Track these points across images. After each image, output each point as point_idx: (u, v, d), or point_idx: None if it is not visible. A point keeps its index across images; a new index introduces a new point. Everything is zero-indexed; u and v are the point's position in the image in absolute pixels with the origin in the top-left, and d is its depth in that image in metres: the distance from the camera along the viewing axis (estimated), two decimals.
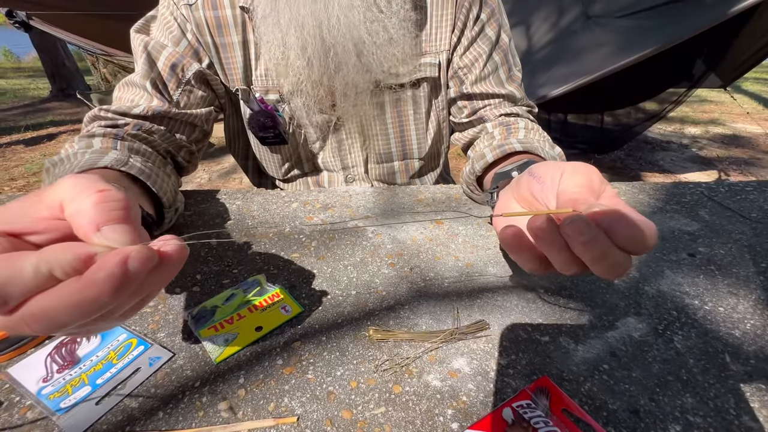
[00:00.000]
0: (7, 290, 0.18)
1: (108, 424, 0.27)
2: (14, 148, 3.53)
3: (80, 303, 0.19)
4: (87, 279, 0.19)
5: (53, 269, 0.19)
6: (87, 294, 0.19)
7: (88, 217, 0.21)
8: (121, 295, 0.20)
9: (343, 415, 0.28)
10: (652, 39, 1.92)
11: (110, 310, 0.21)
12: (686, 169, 2.83)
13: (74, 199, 0.22)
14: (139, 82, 0.54)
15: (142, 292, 0.22)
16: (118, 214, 0.22)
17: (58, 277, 0.19)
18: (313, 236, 0.49)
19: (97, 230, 0.21)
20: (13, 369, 0.30)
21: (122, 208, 0.22)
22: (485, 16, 0.59)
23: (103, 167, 0.39)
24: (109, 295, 0.19)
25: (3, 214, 0.22)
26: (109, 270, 0.19)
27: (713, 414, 0.28)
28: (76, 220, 0.21)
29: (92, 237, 0.21)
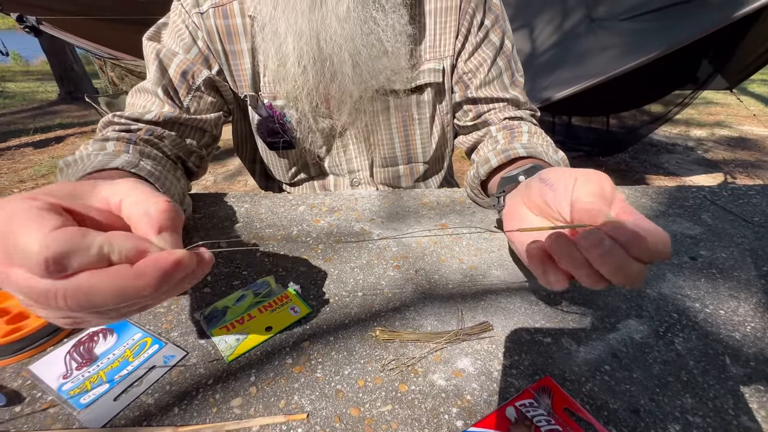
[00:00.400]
0: (71, 258, 0.20)
1: (126, 418, 0.28)
2: (23, 151, 3.58)
3: (125, 288, 0.21)
4: (140, 269, 0.21)
5: (113, 252, 0.21)
6: (135, 282, 0.21)
7: (153, 220, 0.24)
8: (160, 291, 0.22)
9: (351, 412, 0.29)
10: (656, 41, 1.92)
11: (136, 303, 0.22)
12: (692, 172, 2.81)
13: (142, 202, 0.24)
14: (151, 88, 0.56)
15: (171, 292, 0.24)
16: (175, 224, 0.25)
17: (114, 260, 0.21)
18: (320, 239, 0.50)
19: (159, 233, 0.24)
20: (35, 366, 0.32)
21: (178, 219, 0.25)
22: (489, 23, 0.60)
23: (114, 168, 0.40)
24: (153, 288, 0.21)
25: (61, 191, 0.23)
26: (164, 267, 0.21)
27: (712, 414, 0.29)
28: (141, 220, 0.24)
29: (153, 237, 0.23)
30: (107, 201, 0.25)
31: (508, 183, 0.45)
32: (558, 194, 0.29)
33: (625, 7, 2.17)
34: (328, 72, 0.54)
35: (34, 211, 0.21)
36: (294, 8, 0.49)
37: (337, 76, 0.54)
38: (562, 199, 0.29)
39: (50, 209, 0.21)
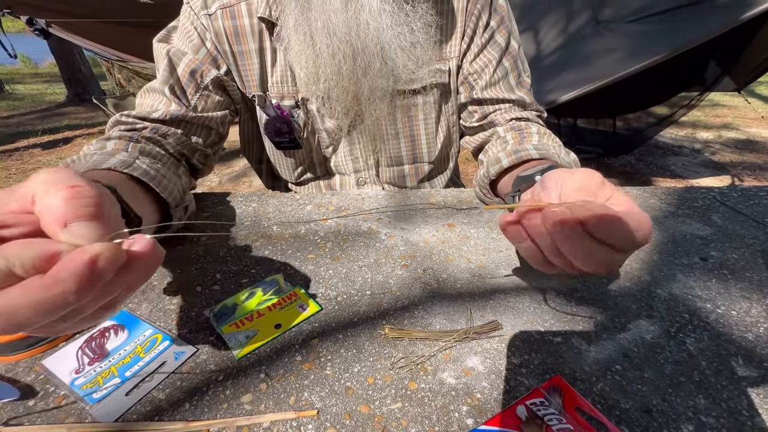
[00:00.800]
0: None
1: (137, 413, 0.29)
2: (31, 152, 3.62)
3: (42, 302, 0.19)
4: (51, 277, 0.19)
5: (13, 266, 0.19)
6: (50, 293, 0.18)
7: (57, 213, 0.21)
8: (86, 295, 0.20)
9: (361, 409, 0.29)
10: (663, 44, 1.91)
11: (76, 310, 0.21)
12: (698, 174, 2.79)
13: (45, 194, 0.21)
14: (159, 87, 0.57)
15: (110, 293, 0.22)
16: (89, 210, 0.21)
17: (19, 274, 0.19)
18: (328, 238, 0.50)
19: (64, 226, 0.20)
20: (47, 361, 0.32)
21: (93, 204, 0.22)
22: (495, 24, 0.60)
23: (106, 169, 0.40)
24: (74, 294, 0.19)
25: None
26: (75, 269, 0.19)
27: (726, 415, 0.29)
28: (45, 216, 0.21)
29: (59, 233, 0.20)
30: (23, 202, 0.22)
31: (524, 182, 0.44)
32: (548, 191, 0.30)
33: (632, 9, 2.16)
34: (359, 68, 0.54)
35: None
36: (327, 7, 0.50)
37: (368, 71, 0.55)
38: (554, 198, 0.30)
39: None
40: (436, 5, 0.57)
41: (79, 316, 0.21)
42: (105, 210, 0.23)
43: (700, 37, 1.82)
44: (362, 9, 0.50)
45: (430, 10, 0.55)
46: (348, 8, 0.50)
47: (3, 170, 3.16)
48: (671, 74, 2.46)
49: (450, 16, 0.59)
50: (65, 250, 0.19)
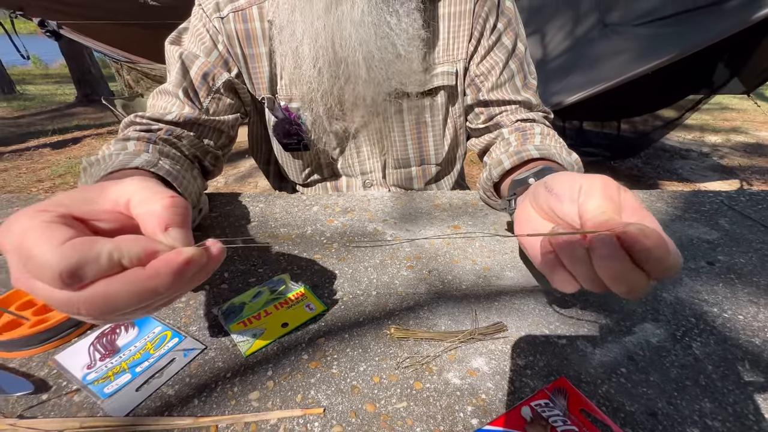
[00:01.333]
0: (84, 270, 0.20)
1: (148, 408, 0.29)
2: (41, 151, 3.67)
3: (141, 291, 0.21)
4: (152, 271, 0.22)
5: (123, 257, 0.21)
6: (150, 284, 0.21)
7: (159, 218, 0.24)
8: (175, 289, 0.22)
9: (367, 408, 0.29)
10: (671, 46, 1.90)
11: (154, 301, 0.23)
12: (706, 178, 2.77)
13: (147, 200, 0.24)
14: (172, 90, 0.58)
15: (187, 287, 0.25)
16: (182, 219, 0.25)
17: (125, 265, 0.22)
18: (334, 238, 0.51)
19: (165, 230, 0.24)
20: (60, 356, 0.33)
21: (185, 214, 0.25)
22: (502, 26, 0.61)
23: (134, 167, 0.41)
24: (167, 287, 0.22)
25: (70, 199, 0.24)
26: (172, 267, 0.22)
27: (732, 419, 0.29)
28: (147, 219, 0.24)
29: (160, 235, 0.24)
30: (116, 202, 0.25)
31: (519, 186, 0.45)
32: (565, 206, 0.29)
33: (639, 13, 2.16)
34: (342, 75, 0.55)
35: (44, 225, 0.21)
36: (311, 11, 0.51)
37: (352, 78, 0.55)
38: (570, 210, 0.28)
39: (59, 221, 0.22)
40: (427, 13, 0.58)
41: (153, 306, 0.24)
42: (189, 218, 0.26)
43: (708, 40, 1.80)
44: (344, 18, 0.51)
45: (416, 23, 0.55)
46: (329, 14, 0.51)
47: (14, 169, 3.21)
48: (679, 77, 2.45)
49: (457, 19, 0.60)
50: (162, 250, 0.23)
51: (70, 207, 0.23)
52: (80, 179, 0.43)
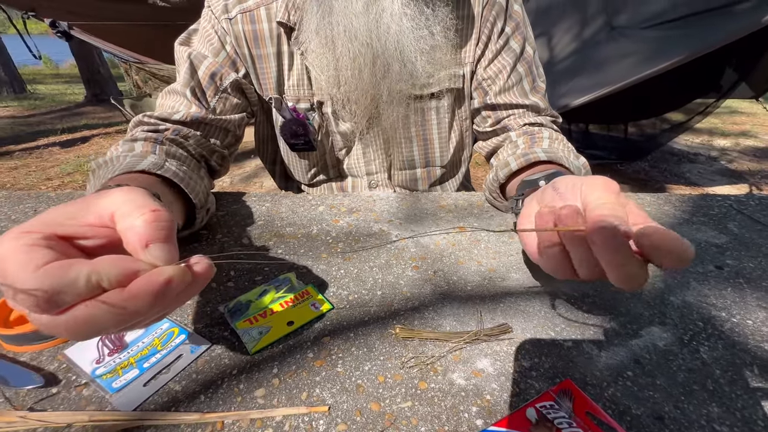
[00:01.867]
0: (61, 295, 0.20)
1: (155, 403, 0.29)
2: (51, 150, 3.72)
3: (121, 313, 0.21)
4: (131, 292, 0.21)
5: (102, 280, 0.21)
6: (129, 306, 0.21)
7: (139, 234, 0.23)
8: (156, 309, 0.22)
9: (372, 407, 0.29)
10: (679, 48, 1.88)
11: (141, 319, 0.23)
12: (714, 183, 2.74)
13: (128, 215, 0.24)
14: (180, 90, 0.58)
15: (171, 306, 0.24)
16: (165, 234, 0.24)
17: (105, 287, 0.21)
18: (339, 238, 0.51)
19: (145, 247, 0.23)
20: (69, 351, 0.33)
21: (168, 228, 0.24)
22: (510, 30, 0.61)
23: (140, 170, 0.42)
24: (147, 308, 0.22)
25: (55, 216, 0.24)
26: (152, 288, 0.21)
27: (740, 424, 0.28)
28: (128, 235, 0.23)
29: (140, 253, 0.23)
30: (101, 216, 0.24)
31: (528, 186, 0.45)
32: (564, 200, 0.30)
33: (647, 16, 2.15)
34: (379, 71, 0.55)
35: (23, 249, 0.21)
36: (349, 10, 0.51)
37: (387, 74, 0.55)
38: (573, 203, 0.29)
39: (41, 243, 0.22)
40: (456, 9, 0.58)
41: (139, 325, 0.24)
42: (174, 232, 0.25)
43: (718, 42, 1.79)
44: (383, 12, 0.51)
45: (450, 14, 0.55)
46: (369, 12, 0.51)
47: (23, 167, 3.25)
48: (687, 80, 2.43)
49: (466, 22, 0.60)
50: (144, 269, 0.22)
51: (54, 226, 0.23)
52: (89, 181, 0.44)
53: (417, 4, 0.52)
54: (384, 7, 0.50)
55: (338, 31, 0.52)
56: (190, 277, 0.23)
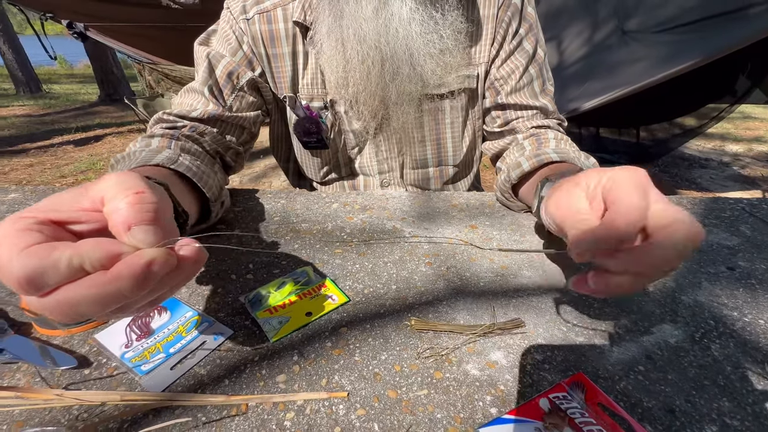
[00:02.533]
0: (43, 277, 0.21)
1: (182, 386, 0.31)
2: (65, 148, 3.80)
3: (101, 295, 0.21)
4: (111, 275, 0.22)
5: (84, 263, 0.21)
6: (109, 288, 0.21)
7: (122, 217, 0.23)
8: (139, 292, 0.22)
9: (389, 394, 0.30)
10: (692, 52, 1.87)
11: (128, 304, 0.23)
12: (726, 188, 2.70)
13: (114, 197, 0.24)
14: (199, 88, 0.60)
15: (160, 289, 0.25)
16: (149, 216, 0.24)
17: (87, 270, 0.22)
18: (354, 234, 0.52)
19: (128, 230, 0.23)
20: (99, 335, 0.35)
21: (153, 210, 0.24)
22: (524, 31, 0.62)
23: (155, 164, 0.43)
24: (129, 291, 0.22)
25: (51, 203, 0.24)
26: (132, 270, 0.22)
27: (751, 419, 0.29)
28: (112, 218, 0.24)
29: (123, 236, 0.23)
30: (94, 200, 0.25)
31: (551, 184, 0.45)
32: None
33: (659, 20, 2.14)
34: (388, 73, 0.56)
35: (15, 232, 0.21)
36: (359, 14, 0.52)
37: (396, 76, 0.57)
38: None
39: (33, 227, 0.22)
40: (466, 12, 0.59)
41: (130, 309, 0.24)
42: (161, 214, 0.25)
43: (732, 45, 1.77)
44: (392, 17, 0.52)
45: (459, 18, 0.56)
46: (378, 16, 0.52)
47: (39, 165, 3.32)
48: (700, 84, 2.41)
49: (480, 24, 0.61)
50: (126, 251, 0.22)
51: (48, 212, 0.23)
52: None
53: (426, 9, 0.53)
54: (393, 12, 0.52)
55: (348, 34, 0.54)
56: (174, 260, 0.23)
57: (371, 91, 0.59)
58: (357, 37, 0.54)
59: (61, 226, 0.24)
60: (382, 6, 0.52)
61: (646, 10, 2.20)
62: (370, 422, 0.28)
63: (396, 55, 0.55)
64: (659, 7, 2.14)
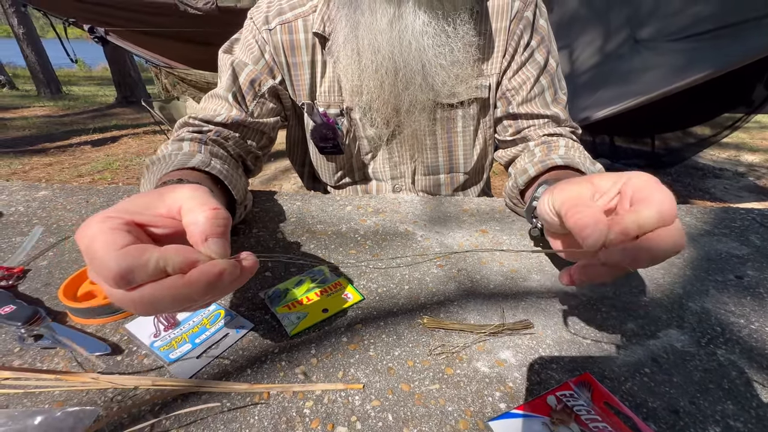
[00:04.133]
0: (134, 274, 0.24)
1: (208, 374, 0.33)
2: (83, 148, 3.90)
3: (178, 296, 0.25)
4: (188, 279, 0.25)
5: (168, 266, 0.25)
6: (186, 291, 0.25)
7: (201, 229, 0.27)
8: (208, 296, 0.26)
9: (402, 387, 0.32)
10: (707, 62, 1.86)
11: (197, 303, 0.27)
12: (741, 199, 2.66)
13: (192, 210, 0.28)
14: (223, 94, 0.63)
15: (223, 293, 0.28)
16: (221, 230, 0.27)
17: (168, 272, 0.25)
18: (368, 236, 0.54)
19: (205, 241, 0.26)
20: (129, 325, 0.37)
21: (225, 225, 0.28)
22: (535, 43, 0.63)
23: (191, 168, 0.46)
24: (201, 294, 0.25)
25: (133, 206, 0.28)
26: (207, 278, 0.25)
27: (755, 421, 0.30)
28: (191, 229, 0.27)
29: (200, 246, 0.26)
30: (170, 208, 0.28)
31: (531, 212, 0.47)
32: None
33: (673, 29, 2.13)
34: (400, 83, 0.59)
35: (108, 231, 0.25)
36: (374, 26, 0.55)
37: (410, 86, 0.59)
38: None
39: (122, 227, 0.25)
40: (478, 26, 0.61)
41: (192, 308, 0.28)
42: (229, 226, 0.29)
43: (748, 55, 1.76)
44: (406, 30, 0.54)
45: (470, 32, 0.58)
46: (392, 28, 0.54)
47: (58, 164, 3.42)
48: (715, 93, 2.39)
49: (492, 36, 0.63)
50: (202, 260, 0.26)
51: (133, 214, 0.27)
52: (143, 176, 0.48)
53: (438, 23, 0.55)
54: (406, 24, 0.54)
55: (363, 44, 0.57)
56: (239, 271, 0.27)
57: (384, 99, 0.61)
58: (372, 48, 0.56)
59: (142, 228, 0.28)
60: (396, 19, 0.54)
61: (660, 18, 2.20)
62: (384, 413, 0.30)
63: (409, 66, 0.57)
64: (673, 16, 2.14)
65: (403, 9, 0.54)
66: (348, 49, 0.59)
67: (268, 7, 0.64)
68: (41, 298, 0.41)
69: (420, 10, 0.54)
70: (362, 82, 0.61)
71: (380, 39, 0.55)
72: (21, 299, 0.39)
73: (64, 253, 0.49)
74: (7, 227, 0.55)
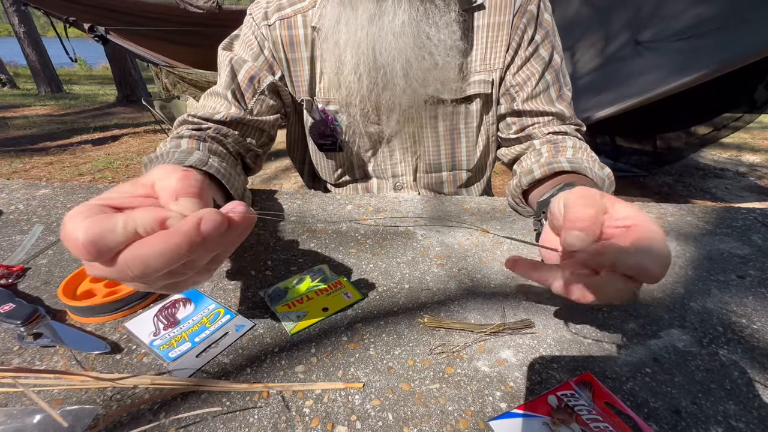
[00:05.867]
0: (104, 240, 0.23)
1: (207, 373, 0.32)
2: (83, 147, 3.90)
3: (165, 250, 0.24)
4: (170, 231, 0.24)
5: (137, 226, 0.24)
6: (170, 242, 0.24)
7: (171, 189, 0.27)
8: (196, 249, 0.25)
9: (402, 386, 0.32)
10: (708, 61, 1.85)
11: (190, 262, 0.26)
12: (742, 199, 2.66)
13: (163, 178, 0.28)
14: (222, 92, 0.63)
15: (214, 249, 0.27)
16: (194, 189, 0.28)
17: (141, 233, 0.25)
18: (368, 235, 0.54)
19: (175, 199, 0.27)
20: (129, 323, 0.37)
21: (198, 186, 0.28)
22: (539, 38, 0.63)
23: (188, 166, 0.46)
24: (187, 246, 0.24)
25: (110, 192, 0.29)
26: (186, 227, 0.24)
27: (756, 422, 0.29)
28: (162, 192, 0.27)
29: (170, 204, 0.26)
30: (146, 186, 0.29)
31: (545, 206, 0.47)
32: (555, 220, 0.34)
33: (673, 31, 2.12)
34: (380, 81, 0.59)
35: (79, 212, 0.25)
36: (355, 21, 0.55)
37: (389, 85, 0.59)
38: None
39: (94, 208, 0.25)
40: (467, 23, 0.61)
41: (195, 268, 0.27)
42: (204, 193, 0.29)
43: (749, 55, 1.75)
44: (385, 27, 0.55)
45: (452, 35, 0.58)
46: (372, 24, 0.55)
47: (58, 163, 3.42)
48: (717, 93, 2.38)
49: (495, 30, 0.62)
50: (173, 217, 0.25)
51: (108, 199, 0.27)
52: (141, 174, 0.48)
53: (419, 24, 0.55)
54: (386, 23, 0.54)
55: (344, 38, 0.57)
56: (225, 221, 0.25)
57: (363, 95, 0.61)
58: (351, 42, 0.56)
59: (120, 210, 0.27)
60: (376, 16, 0.54)
61: (661, 20, 2.19)
62: (384, 412, 0.30)
63: (389, 65, 0.57)
64: (673, 18, 2.13)
65: (384, 7, 0.53)
66: (330, 42, 0.59)
67: (267, 2, 0.64)
68: (41, 296, 0.41)
69: (400, 9, 0.53)
70: (339, 77, 0.61)
71: (360, 34, 0.55)
72: (20, 298, 0.39)
73: (63, 252, 0.49)
74: (7, 225, 0.55)
